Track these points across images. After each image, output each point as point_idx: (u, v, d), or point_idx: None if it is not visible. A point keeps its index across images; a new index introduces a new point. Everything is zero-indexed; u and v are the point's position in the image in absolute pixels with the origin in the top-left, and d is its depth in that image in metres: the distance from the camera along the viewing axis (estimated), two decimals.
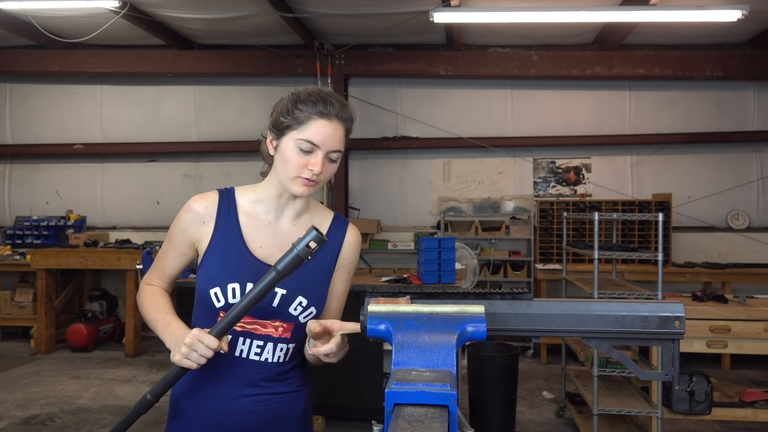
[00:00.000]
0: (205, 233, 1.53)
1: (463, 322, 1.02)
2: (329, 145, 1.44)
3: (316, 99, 1.44)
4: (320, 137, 1.42)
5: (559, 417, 4.77)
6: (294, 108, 1.44)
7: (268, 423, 1.53)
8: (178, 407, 1.56)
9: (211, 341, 1.32)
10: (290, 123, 1.44)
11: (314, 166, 1.43)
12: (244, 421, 1.51)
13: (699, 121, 7.34)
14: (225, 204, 1.54)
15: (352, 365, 4.41)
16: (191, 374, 1.47)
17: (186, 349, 1.32)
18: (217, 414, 1.51)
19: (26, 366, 6.28)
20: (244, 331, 1.49)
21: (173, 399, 1.59)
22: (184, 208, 1.56)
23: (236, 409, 1.50)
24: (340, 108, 1.45)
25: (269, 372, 1.52)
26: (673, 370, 1.10)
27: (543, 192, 7.54)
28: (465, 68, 7.27)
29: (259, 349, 1.51)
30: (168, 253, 1.59)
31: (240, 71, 7.58)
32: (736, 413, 3.76)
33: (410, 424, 0.80)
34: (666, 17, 5.56)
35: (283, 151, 1.45)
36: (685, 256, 7.10)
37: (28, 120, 8.27)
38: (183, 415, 1.55)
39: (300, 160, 1.43)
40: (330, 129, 1.43)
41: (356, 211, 7.67)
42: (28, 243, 7.78)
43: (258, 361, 1.51)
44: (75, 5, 5.89)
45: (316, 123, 1.42)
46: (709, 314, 3.62)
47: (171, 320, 1.47)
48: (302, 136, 1.42)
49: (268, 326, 1.51)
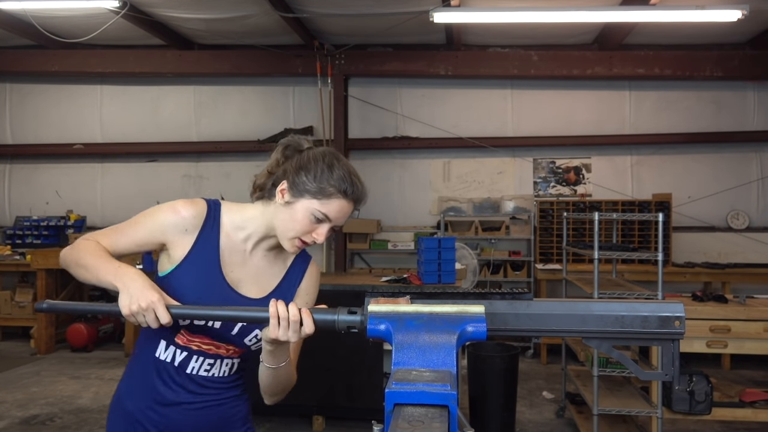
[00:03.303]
0: (183, 242, 1.53)
1: (463, 322, 1.02)
2: (339, 221, 1.51)
3: (344, 178, 1.48)
4: (335, 214, 1.49)
5: (559, 417, 4.77)
6: (323, 178, 1.47)
7: (212, 426, 1.62)
8: (124, 406, 1.62)
9: (163, 316, 1.34)
10: (314, 191, 1.47)
11: (319, 237, 1.49)
12: (189, 426, 1.60)
13: (699, 121, 7.34)
14: (211, 219, 1.56)
15: (352, 365, 4.42)
16: (139, 378, 1.59)
17: (137, 308, 1.33)
18: (162, 418, 1.58)
19: (26, 366, 6.28)
20: (199, 350, 1.56)
21: (118, 398, 1.64)
22: (168, 206, 1.55)
23: (182, 415, 1.59)
24: (360, 193, 1.52)
25: (215, 383, 1.62)
26: (673, 370, 1.10)
27: (543, 192, 7.54)
28: (465, 68, 7.27)
29: (209, 366, 1.59)
30: (126, 236, 1.54)
31: (240, 71, 7.58)
32: (736, 413, 3.76)
33: (410, 424, 0.80)
34: (666, 17, 5.56)
35: (295, 211, 1.49)
36: (685, 256, 7.10)
37: (28, 120, 8.27)
38: (129, 415, 1.60)
39: (308, 226, 1.49)
40: (346, 208, 1.51)
41: (356, 211, 7.65)
42: (28, 243, 7.78)
43: (206, 376, 1.60)
44: (75, 5, 5.89)
45: (339, 201, 1.49)
46: (709, 314, 3.62)
47: (122, 264, 1.44)
48: (322, 209, 1.47)
49: (221, 348, 1.58)
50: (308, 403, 4.42)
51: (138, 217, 1.56)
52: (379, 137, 7.65)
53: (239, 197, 6.50)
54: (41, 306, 1.39)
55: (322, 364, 4.33)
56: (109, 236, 1.54)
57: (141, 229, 1.54)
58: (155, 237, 1.54)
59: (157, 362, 1.58)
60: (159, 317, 1.34)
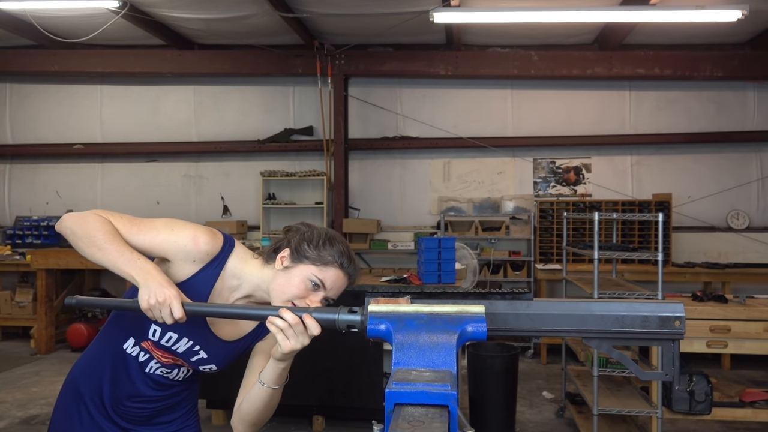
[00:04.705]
0: (186, 269, 1.58)
1: (463, 322, 1.02)
2: (333, 292, 1.56)
3: (343, 252, 1.56)
4: (331, 283, 1.54)
5: (559, 417, 4.77)
6: (323, 247, 1.55)
7: (158, 412, 1.74)
8: (77, 387, 1.71)
9: (177, 312, 1.40)
10: (313, 258, 1.54)
11: (311, 303, 1.52)
12: (138, 414, 1.71)
13: (699, 121, 7.34)
14: (218, 259, 1.60)
15: (352, 365, 4.42)
16: (98, 363, 1.69)
17: (154, 302, 1.40)
18: (118, 405, 1.69)
19: (26, 366, 6.28)
20: (159, 360, 1.66)
21: (71, 380, 1.73)
22: (191, 234, 1.57)
23: (135, 404, 1.69)
24: (354, 270, 1.59)
25: (170, 382, 1.72)
26: (673, 370, 1.11)
27: (543, 192, 7.54)
28: (465, 68, 7.27)
29: (167, 371, 1.69)
30: (143, 234, 1.56)
31: (240, 71, 7.58)
32: (736, 413, 3.76)
33: (410, 424, 0.80)
34: (666, 17, 5.56)
35: (293, 275, 1.54)
36: (685, 256, 7.10)
37: (28, 120, 8.27)
38: (83, 398, 1.69)
39: (303, 291, 1.53)
40: (341, 281, 1.56)
41: (356, 211, 7.67)
42: (28, 243, 7.78)
43: (162, 376, 1.70)
44: (75, 5, 5.89)
45: (336, 272, 1.55)
46: (709, 314, 3.62)
47: (141, 257, 1.48)
48: (319, 275, 1.53)
49: (179, 361, 1.68)
50: (308, 403, 4.42)
51: (159, 225, 1.58)
52: (379, 137, 7.65)
53: (239, 197, 6.64)
54: (71, 301, 1.47)
55: (322, 364, 4.33)
56: (125, 225, 1.56)
57: (158, 238, 1.56)
58: (165, 252, 1.57)
59: (123, 353, 1.66)
60: (173, 312, 1.39)
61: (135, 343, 1.64)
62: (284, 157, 7.86)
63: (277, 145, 7.72)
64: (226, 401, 4.39)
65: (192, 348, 1.63)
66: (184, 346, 1.62)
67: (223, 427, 4.45)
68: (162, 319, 1.41)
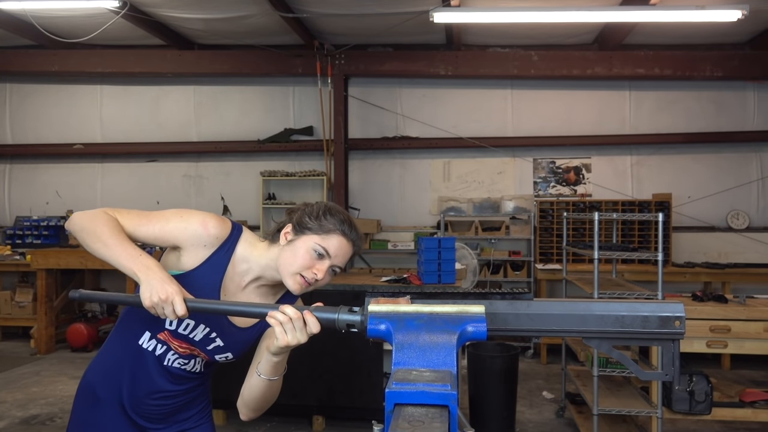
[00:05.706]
0: (198, 254, 1.62)
1: (463, 322, 1.02)
2: (338, 260, 1.59)
3: (343, 219, 1.61)
4: (335, 250, 1.58)
5: (559, 417, 4.77)
6: (323, 217, 1.59)
7: (176, 409, 1.76)
8: (93, 388, 1.71)
9: (180, 309, 1.41)
10: (315, 228, 1.58)
11: (318, 272, 1.56)
12: (156, 412, 1.72)
13: (699, 121, 7.34)
14: (228, 243, 1.64)
15: (352, 365, 4.42)
16: (114, 361, 1.69)
17: (157, 299, 1.41)
18: (138, 404, 1.69)
19: (26, 366, 6.28)
20: (176, 351, 1.68)
21: (89, 386, 1.73)
22: (200, 219, 1.62)
23: (153, 400, 1.70)
24: (357, 236, 1.63)
25: (187, 375, 1.74)
26: (673, 370, 1.11)
27: (543, 192, 7.54)
28: (465, 68, 7.27)
29: (184, 362, 1.71)
30: (153, 226, 1.60)
31: (240, 71, 7.58)
32: (736, 413, 3.76)
33: (411, 424, 0.80)
34: (666, 17, 5.56)
35: (297, 248, 1.57)
36: (685, 256, 7.10)
37: (28, 120, 8.27)
38: (101, 402, 1.70)
39: (309, 261, 1.56)
40: (345, 247, 1.60)
41: (356, 211, 7.67)
42: (28, 243, 7.78)
43: (180, 368, 1.71)
44: (75, 5, 5.89)
45: (338, 238, 1.58)
46: (709, 314, 3.62)
47: (143, 254, 1.51)
48: (322, 242, 1.57)
49: (195, 351, 1.70)
50: (308, 403, 4.42)
51: (168, 214, 1.63)
52: (379, 137, 7.65)
53: (239, 197, 6.65)
54: (74, 295, 1.50)
55: (322, 364, 4.33)
56: (133, 219, 1.59)
57: (168, 227, 1.60)
58: (176, 239, 1.61)
59: (139, 349, 1.67)
60: (176, 309, 1.41)
61: (151, 336, 1.66)
62: (284, 157, 7.86)
63: (277, 145, 7.73)
64: (226, 401, 4.37)
65: (209, 335, 1.65)
66: (200, 334, 1.64)
67: (223, 426, 4.46)
68: (165, 316, 1.43)
